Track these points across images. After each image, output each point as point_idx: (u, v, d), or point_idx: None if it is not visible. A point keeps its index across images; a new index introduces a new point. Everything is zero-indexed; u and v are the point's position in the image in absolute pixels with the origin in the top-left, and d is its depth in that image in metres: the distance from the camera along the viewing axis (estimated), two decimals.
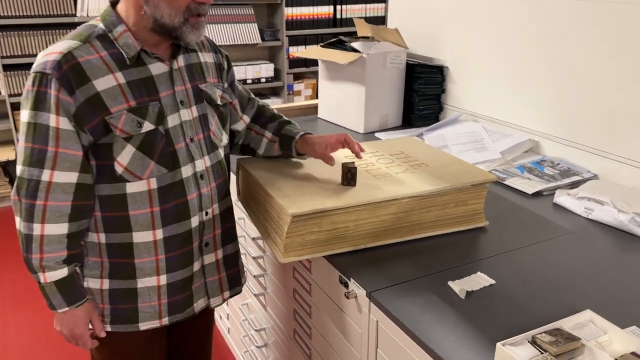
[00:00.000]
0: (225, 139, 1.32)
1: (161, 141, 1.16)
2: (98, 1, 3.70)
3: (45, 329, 2.51)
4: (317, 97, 2.31)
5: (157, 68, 1.16)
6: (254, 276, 1.71)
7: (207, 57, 1.30)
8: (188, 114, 1.21)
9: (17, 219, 1.13)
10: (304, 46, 4.45)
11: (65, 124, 1.08)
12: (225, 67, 1.36)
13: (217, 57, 1.33)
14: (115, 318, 1.26)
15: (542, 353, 0.86)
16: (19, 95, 3.65)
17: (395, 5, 2.37)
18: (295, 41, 4.43)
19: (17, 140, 3.70)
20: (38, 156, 1.08)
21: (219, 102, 1.28)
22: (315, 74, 4.63)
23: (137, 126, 1.12)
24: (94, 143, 1.12)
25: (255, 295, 1.74)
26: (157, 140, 1.15)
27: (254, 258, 1.69)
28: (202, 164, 1.24)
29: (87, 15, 3.68)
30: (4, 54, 3.55)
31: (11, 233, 3.43)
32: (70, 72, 1.06)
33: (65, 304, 1.18)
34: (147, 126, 1.13)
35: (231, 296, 1.40)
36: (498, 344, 0.87)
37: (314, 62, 4.37)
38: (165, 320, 1.29)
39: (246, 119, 1.43)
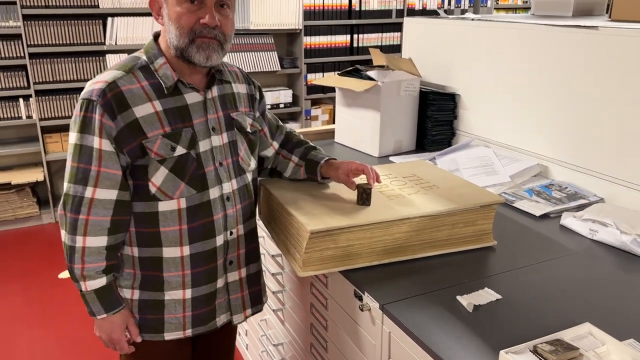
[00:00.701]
0: (253, 164, 1.42)
1: (192, 164, 1.26)
2: (126, 30, 3.89)
3: (72, 344, 2.60)
4: (333, 122, 2.41)
5: (192, 97, 1.27)
6: (273, 292, 1.79)
7: (239, 88, 1.40)
8: (219, 139, 1.31)
9: (63, 232, 1.23)
10: (321, 73, 4.59)
11: (107, 145, 1.19)
12: (257, 97, 1.46)
13: (250, 88, 1.44)
14: (142, 327, 1.35)
15: None
16: (50, 119, 3.83)
17: (409, 36, 2.49)
18: (313, 68, 4.57)
19: (46, 162, 3.86)
20: (83, 174, 1.19)
21: (248, 129, 1.38)
22: (332, 100, 4.76)
23: (170, 150, 1.23)
24: (131, 164, 1.23)
25: (273, 310, 1.82)
26: (188, 163, 1.25)
27: (273, 275, 1.78)
28: (230, 186, 1.33)
29: (115, 44, 3.87)
30: (36, 80, 3.73)
31: (39, 252, 3.55)
32: (113, 100, 1.18)
33: (103, 310, 1.27)
34: (180, 150, 1.24)
35: (253, 314, 1.48)
36: (501, 351, 0.94)
37: (331, 89, 4.50)
38: (189, 332, 1.37)
39: (275, 145, 1.53)
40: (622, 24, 1.72)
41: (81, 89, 3.87)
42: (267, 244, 1.81)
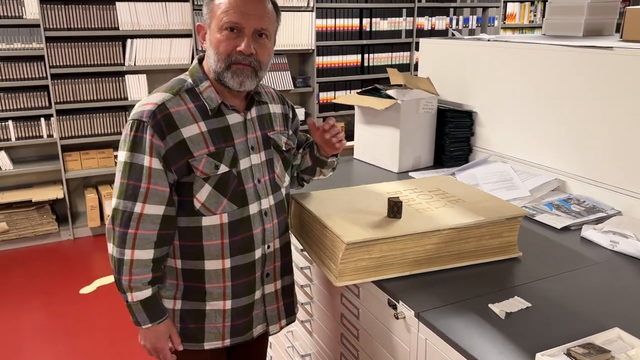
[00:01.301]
0: (287, 180, 1.49)
1: (233, 182, 1.33)
2: (144, 52, 4.00)
3: (95, 359, 2.64)
4: (345, 139, 2.49)
5: (233, 118, 1.35)
6: (301, 304, 1.84)
7: (275, 109, 1.48)
8: (257, 158, 1.39)
9: (110, 245, 1.30)
10: (333, 92, 4.69)
11: (156, 164, 1.26)
12: (291, 116, 1.54)
13: (284, 108, 1.52)
14: (183, 337, 1.40)
15: None
16: (70, 138, 3.92)
17: (425, 56, 2.57)
18: (325, 87, 4.68)
19: (66, 180, 3.95)
20: (132, 191, 1.26)
21: (283, 148, 1.46)
22: (343, 118, 4.85)
23: (214, 168, 1.30)
24: (177, 181, 1.30)
25: (301, 322, 1.87)
26: (230, 181, 1.33)
27: (301, 286, 1.83)
28: (267, 202, 1.40)
29: (134, 65, 3.97)
30: (58, 100, 3.84)
31: (59, 268, 3.61)
32: (162, 121, 1.26)
33: (148, 320, 1.33)
34: (223, 168, 1.31)
35: (287, 324, 1.54)
36: (537, 354, 1.00)
37: (342, 107, 4.59)
38: (227, 342, 1.42)
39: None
40: (634, 44, 1.80)
41: (101, 108, 3.98)
42: (295, 257, 1.87)
